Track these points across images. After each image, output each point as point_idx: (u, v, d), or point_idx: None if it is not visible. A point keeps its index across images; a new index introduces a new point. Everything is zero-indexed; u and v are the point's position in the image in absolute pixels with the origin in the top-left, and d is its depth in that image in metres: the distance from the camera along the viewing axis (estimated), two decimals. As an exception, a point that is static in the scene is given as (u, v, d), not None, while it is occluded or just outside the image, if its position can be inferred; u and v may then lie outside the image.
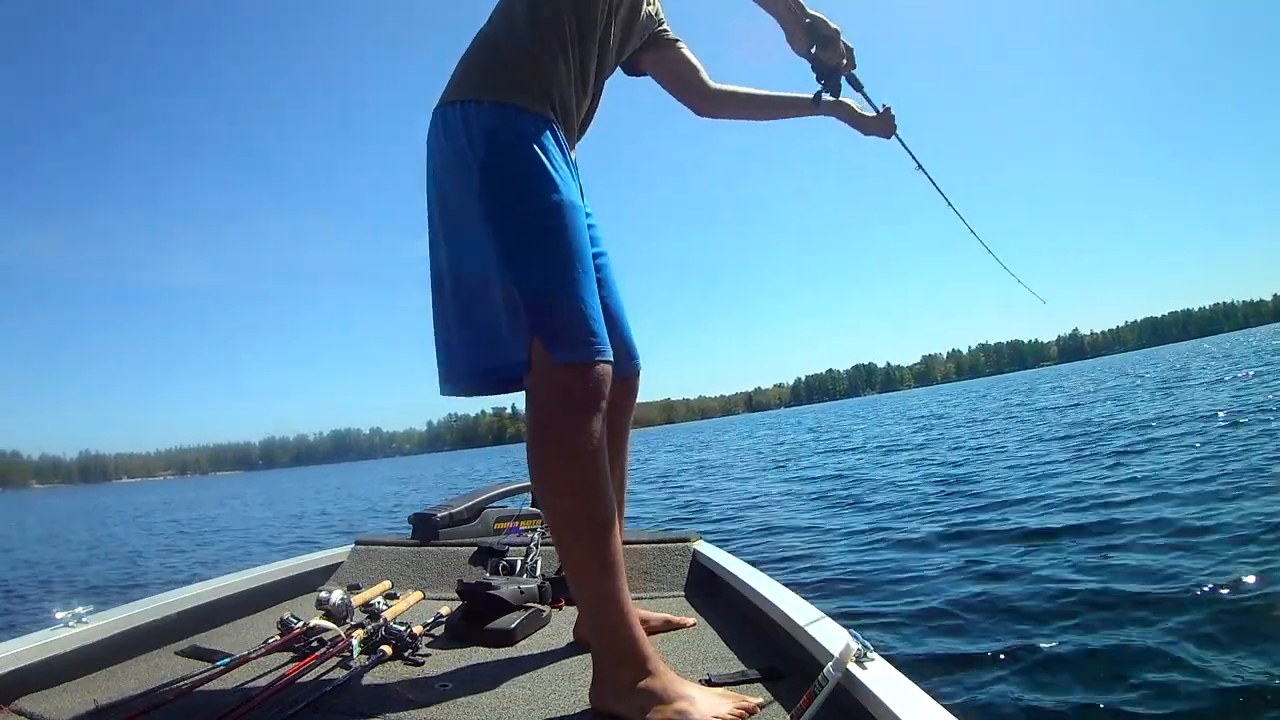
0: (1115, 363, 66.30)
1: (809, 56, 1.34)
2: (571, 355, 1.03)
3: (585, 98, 1.21)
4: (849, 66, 1.36)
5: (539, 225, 1.05)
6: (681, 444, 31.02)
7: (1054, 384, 28.60)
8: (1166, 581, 2.86)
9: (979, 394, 38.53)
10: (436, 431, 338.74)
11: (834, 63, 1.34)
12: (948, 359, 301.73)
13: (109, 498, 51.34)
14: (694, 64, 1.48)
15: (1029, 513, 4.70)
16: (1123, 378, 24.30)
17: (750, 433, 34.02)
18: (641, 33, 1.36)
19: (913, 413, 25.57)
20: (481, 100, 1.09)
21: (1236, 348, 36.44)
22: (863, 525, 5.19)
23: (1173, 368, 25.49)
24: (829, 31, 1.30)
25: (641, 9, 1.30)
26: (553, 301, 1.04)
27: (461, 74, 1.15)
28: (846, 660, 0.89)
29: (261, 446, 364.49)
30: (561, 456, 1.02)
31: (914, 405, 36.57)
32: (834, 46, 1.32)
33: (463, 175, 1.08)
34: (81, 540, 12.49)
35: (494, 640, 1.41)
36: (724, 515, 6.75)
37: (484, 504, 2.36)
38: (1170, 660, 2.18)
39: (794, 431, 25.08)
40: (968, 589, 3.20)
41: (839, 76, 1.38)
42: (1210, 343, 77.55)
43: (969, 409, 21.53)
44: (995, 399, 25.97)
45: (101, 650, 1.34)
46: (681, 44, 1.46)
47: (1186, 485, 4.69)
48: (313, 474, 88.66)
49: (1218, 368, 19.73)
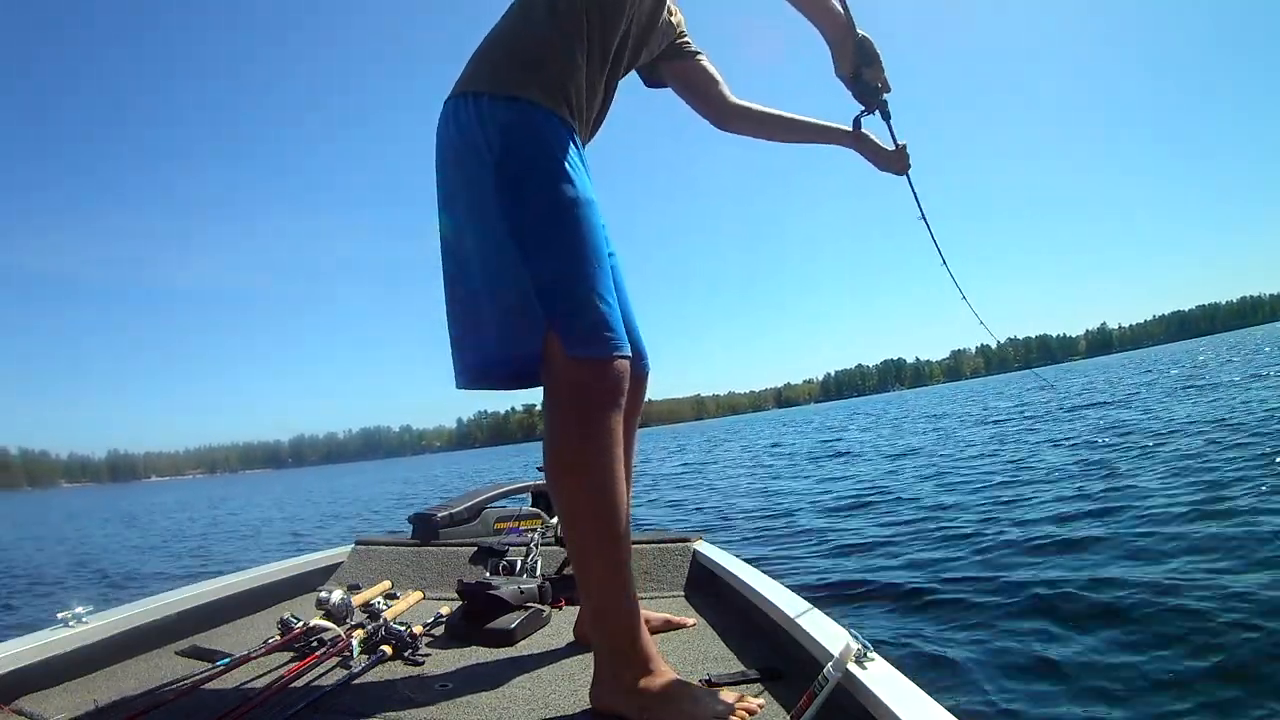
0: (1137, 358, 65.60)
1: (851, 79, 1.30)
2: (587, 350, 1.02)
3: (598, 95, 1.21)
4: (885, 89, 1.32)
5: (555, 220, 1.05)
6: (708, 439, 30.61)
7: (1083, 380, 28.07)
8: (1167, 581, 2.86)
9: (994, 391, 38.32)
10: (466, 429, 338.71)
11: (876, 83, 1.30)
12: (976, 353, 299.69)
13: (137, 496, 51.30)
14: (714, 76, 1.47)
15: (1029, 513, 4.70)
16: (1147, 373, 23.49)
17: (755, 434, 33.96)
18: (660, 38, 1.35)
19: (925, 412, 25.31)
20: (496, 94, 1.08)
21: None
22: (863, 526, 5.19)
23: (1195, 364, 25.08)
24: (874, 51, 1.27)
25: (661, 12, 1.29)
26: (569, 296, 1.03)
27: (476, 66, 1.14)
28: (846, 660, 0.89)
29: (291, 445, 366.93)
30: (577, 452, 1.02)
31: (923, 405, 36.51)
32: (877, 66, 1.28)
33: (476, 169, 1.07)
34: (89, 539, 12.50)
35: (494, 640, 1.41)
36: (723, 515, 6.75)
37: (484, 504, 2.36)
38: (1170, 661, 2.18)
39: (809, 432, 24.89)
40: (968, 589, 3.20)
41: (879, 97, 1.33)
42: (1235, 336, 76.19)
43: (981, 408, 21.34)
44: (1010, 397, 25.72)
45: (101, 650, 1.34)
46: (703, 56, 1.45)
47: (1192, 488, 4.69)
48: (341, 471, 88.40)
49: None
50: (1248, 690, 1.96)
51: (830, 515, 5.82)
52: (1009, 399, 24.23)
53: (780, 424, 42.42)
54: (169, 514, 19.09)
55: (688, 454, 20.04)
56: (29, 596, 6.36)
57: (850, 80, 1.31)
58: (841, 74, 1.31)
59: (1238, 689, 1.97)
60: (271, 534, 10.90)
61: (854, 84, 1.31)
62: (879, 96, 1.33)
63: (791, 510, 6.38)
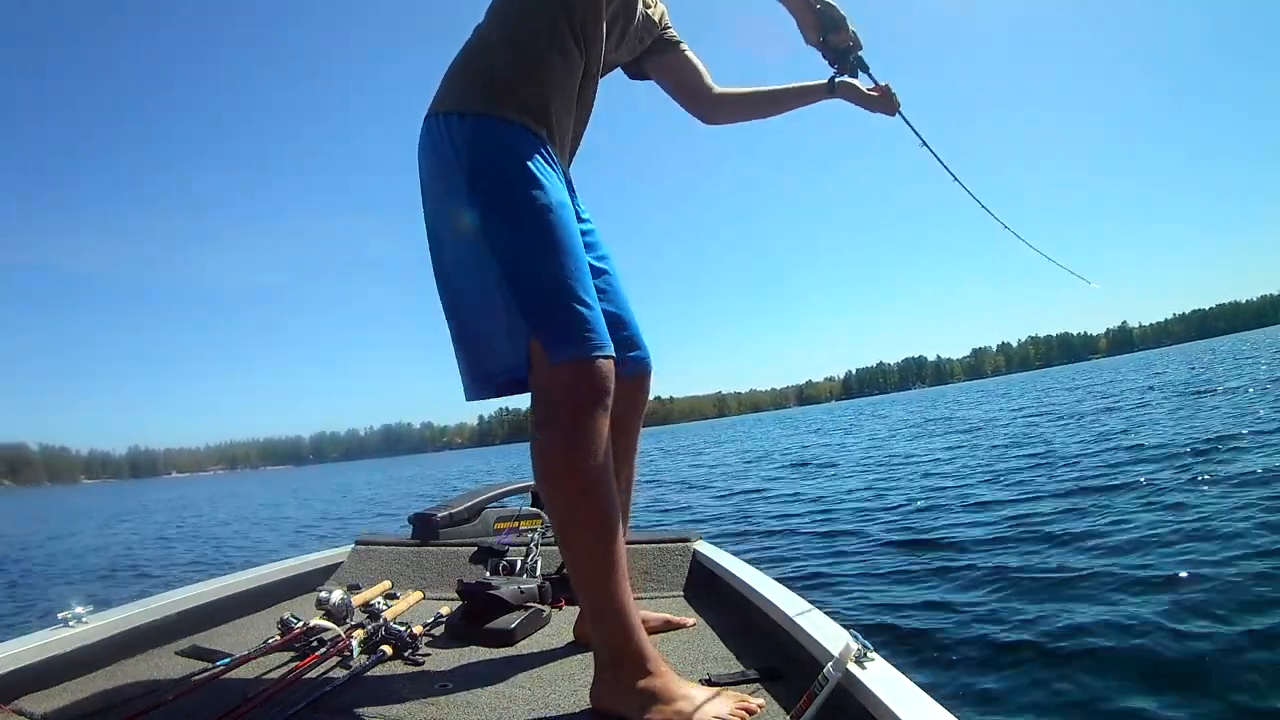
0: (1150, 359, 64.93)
1: (820, 44, 1.38)
2: (568, 353, 1.03)
3: (573, 97, 1.20)
4: (856, 48, 1.40)
5: (527, 229, 1.06)
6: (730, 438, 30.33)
7: (1100, 381, 27.54)
8: (1169, 584, 2.86)
9: (1004, 391, 38.12)
10: (487, 425, 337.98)
11: (844, 46, 1.38)
12: (997, 352, 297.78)
13: (150, 492, 51.29)
14: (697, 67, 1.48)
15: (1030, 514, 4.70)
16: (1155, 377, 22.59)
17: (758, 434, 33.84)
18: (640, 35, 1.36)
19: (934, 414, 24.97)
20: (464, 113, 1.10)
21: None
22: (863, 526, 5.19)
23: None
24: (837, 15, 1.35)
25: (637, 9, 1.30)
26: (547, 302, 1.04)
27: (448, 83, 1.16)
28: (846, 660, 0.89)
29: (312, 441, 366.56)
30: (565, 457, 1.03)
31: (933, 404, 36.33)
32: (843, 30, 1.36)
33: (451, 187, 1.09)
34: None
35: (494, 640, 1.41)
36: (724, 515, 6.75)
37: (484, 504, 2.36)
38: (1172, 663, 2.18)
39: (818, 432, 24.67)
40: (968, 589, 3.21)
41: (849, 57, 1.41)
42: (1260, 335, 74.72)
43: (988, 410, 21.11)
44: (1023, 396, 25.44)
45: (101, 650, 1.34)
46: (684, 46, 1.47)
47: (1199, 488, 4.69)
48: (362, 467, 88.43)
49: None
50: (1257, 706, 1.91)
51: (831, 516, 5.82)
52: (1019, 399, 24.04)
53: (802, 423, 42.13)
54: (172, 511, 19.10)
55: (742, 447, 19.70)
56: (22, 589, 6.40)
57: (820, 45, 1.39)
58: (810, 42, 1.39)
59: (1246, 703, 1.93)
60: (284, 530, 10.94)
61: (824, 49, 1.40)
62: (848, 57, 1.41)
63: (793, 510, 6.38)
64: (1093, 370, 59.58)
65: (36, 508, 34.86)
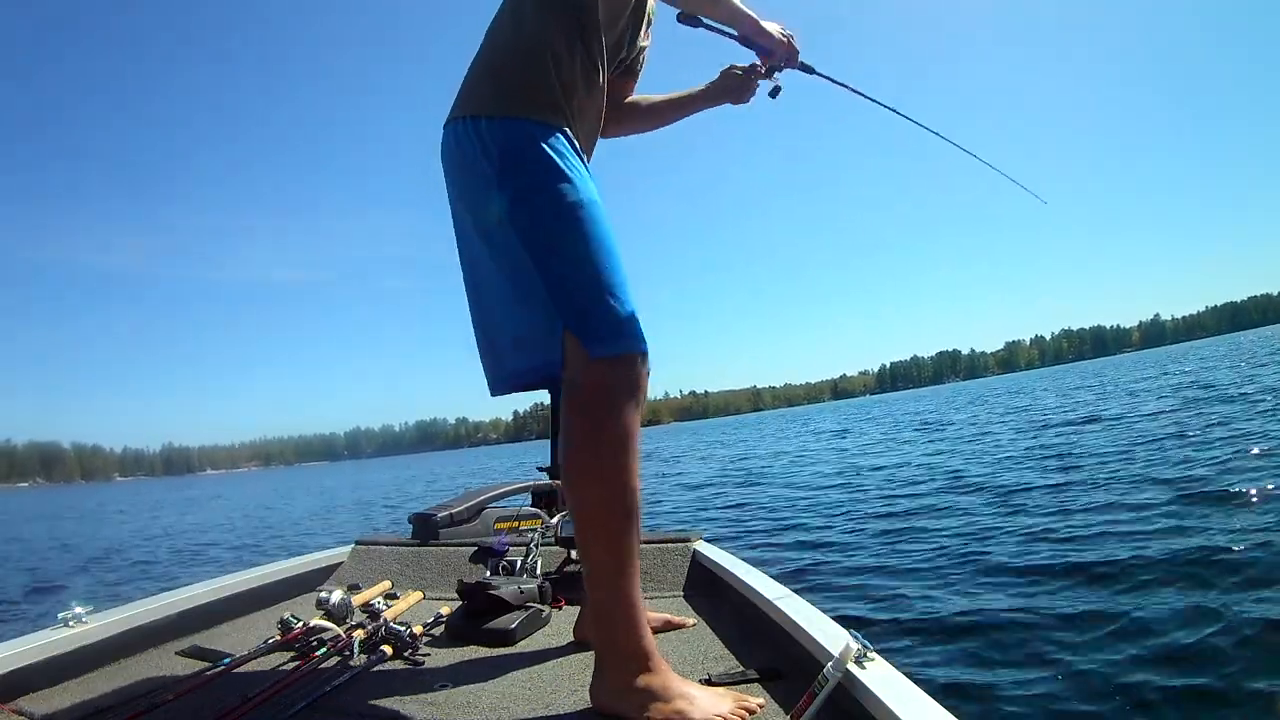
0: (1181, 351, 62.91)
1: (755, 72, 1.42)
2: (608, 349, 1.03)
3: (596, 89, 1.21)
4: (793, 60, 1.36)
5: (562, 224, 1.06)
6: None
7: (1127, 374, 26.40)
8: (1169, 585, 2.86)
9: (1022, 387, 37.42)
10: (522, 420, 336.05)
11: (772, 64, 1.38)
12: (1031, 345, 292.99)
13: (180, 489, 51.18)
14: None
15: (1030, 514, 4.70)
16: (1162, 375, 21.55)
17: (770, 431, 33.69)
18: (649, 23, 1.36)
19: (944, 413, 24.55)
20: (493, 115, 1.10)
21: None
22: (864, 526, 5.19)
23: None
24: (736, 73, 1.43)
25: (646, 6, 1.31)
26: (583, 297, 1.05)
27: (471, 85, 1.15)
28: (846, 660, 0.89)
29: (347, 437, 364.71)
30: (596, 446, 1.03)
31: (945, 403, 36.19)
32: (772, 56, 1.35)
33: (483, 189, 1.09)
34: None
35: (494, 640, 1.41)
36: (724, 514, 6.75)
37: (484, 504, 2.36)
38: (1171, 663, 2.18)
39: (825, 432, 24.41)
40: (968, 590, 3.20)
41: (774, 70, 1.41)
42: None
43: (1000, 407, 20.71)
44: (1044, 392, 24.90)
45: (101, 650, 1.34)
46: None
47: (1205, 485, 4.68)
48: (398, 463, 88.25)
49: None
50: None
51: (830, 515, 5.82)
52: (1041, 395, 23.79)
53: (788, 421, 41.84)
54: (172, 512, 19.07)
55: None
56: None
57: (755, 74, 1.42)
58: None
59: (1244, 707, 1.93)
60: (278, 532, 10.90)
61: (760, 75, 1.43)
62: (773, 71, 1.41)
63: (793, 511, 6.38)
64: (1127, 363, 57.94)
65: (71, 502, 34.51)
